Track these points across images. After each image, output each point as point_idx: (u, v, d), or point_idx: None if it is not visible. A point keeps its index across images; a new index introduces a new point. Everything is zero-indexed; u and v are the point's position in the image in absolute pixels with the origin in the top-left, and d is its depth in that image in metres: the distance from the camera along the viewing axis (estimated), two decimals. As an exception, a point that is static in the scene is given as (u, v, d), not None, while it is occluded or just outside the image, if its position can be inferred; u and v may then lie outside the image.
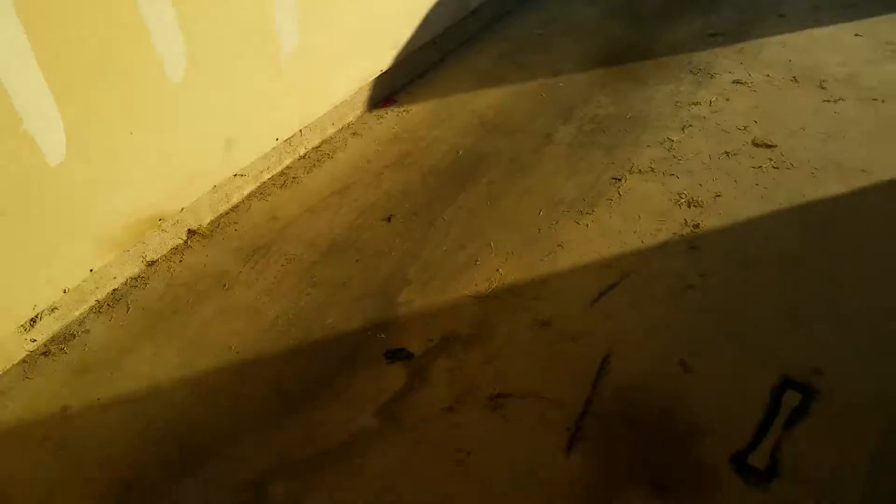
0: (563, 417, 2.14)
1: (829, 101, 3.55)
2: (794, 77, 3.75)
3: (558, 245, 2.74)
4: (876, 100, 3.52)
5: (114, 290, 2.57)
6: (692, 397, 2.17)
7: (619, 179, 3.06)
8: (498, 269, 2.64)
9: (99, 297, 2.52)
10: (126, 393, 2.24)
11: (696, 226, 2.80)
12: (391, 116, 3.50)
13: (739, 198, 2.94)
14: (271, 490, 1.98)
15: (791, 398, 2.18)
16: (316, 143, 3.27)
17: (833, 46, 4.03)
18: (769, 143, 3.25)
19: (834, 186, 2.99)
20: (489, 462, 2.03)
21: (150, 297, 2.55)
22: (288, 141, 3.09)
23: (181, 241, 2.72)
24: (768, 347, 2.33)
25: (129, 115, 2.29)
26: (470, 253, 2.70)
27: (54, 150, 2.12)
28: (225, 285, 2.59)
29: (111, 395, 2.23)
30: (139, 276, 2.61)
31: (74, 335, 2.43)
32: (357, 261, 2.70)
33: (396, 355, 2.34)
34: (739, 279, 2.58)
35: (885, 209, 2.85)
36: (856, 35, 4.14)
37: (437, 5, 3.68)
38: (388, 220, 2.87)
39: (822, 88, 3.65)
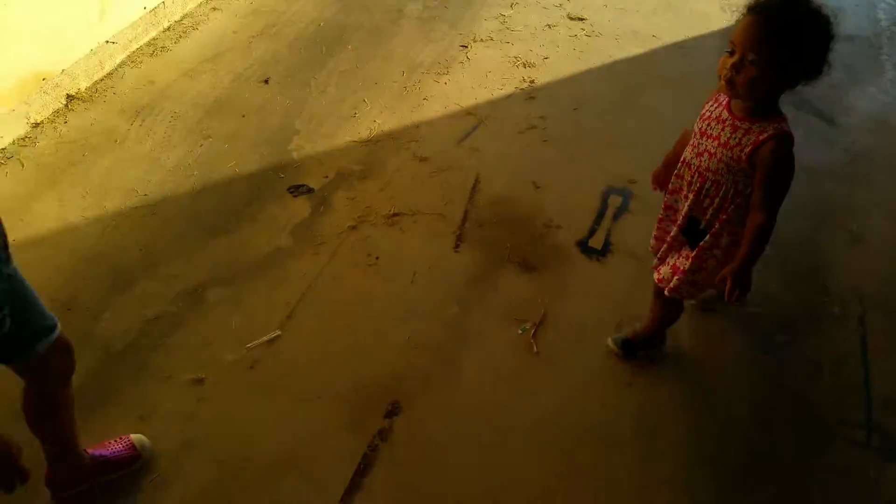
0: (449, 226, 2.51)
1: (622, -15, 4.13)
2: (595, -34, 4.29)
3: (424, 99, 3.06)
4: (658, -16, 4.16)
5: (2, 149, 2.49)
6: (544, 204, 2.64)
7: (466, 47, 3.42)
8: (375, 120, 2.91)
9: (-17, 157, 2.44)
10: (41, 233, 2.25)
11: (532, 81, 3.25)
12: (247, -7, 3.55)
13: (562, 59, 3.43)
14: (209, 295, 2.16)
15: (615, 199, 2.73)
16: (178, 16, 3.25)
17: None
18: (581, 17, 3.77)
19: (633, 49, 3.58)
20: (395, 264, 2.35)
21: (42, 153, 2.51)
22: (153, 11, 3.06)
23: (62, 105, 2.66)
24: (596, 166, 2.85)
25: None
26: (348, 107, 2.94)
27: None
28: (116, 140, 2.61)
29: (25, 237, 2.23)
30: (26, 137, 2.54)
31: (-34, 192, 2.36)
32: (243, 116, 2.83)
33: (299, 189, 2.56)
34: (570, 119, 3.08)
35: (672, 64, 3.50)
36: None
37: None
38: (266, 82, 3.00)
39: (618, -26, 4.22)
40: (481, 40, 3.47)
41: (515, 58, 3.38)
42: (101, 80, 2.85)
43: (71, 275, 2.15)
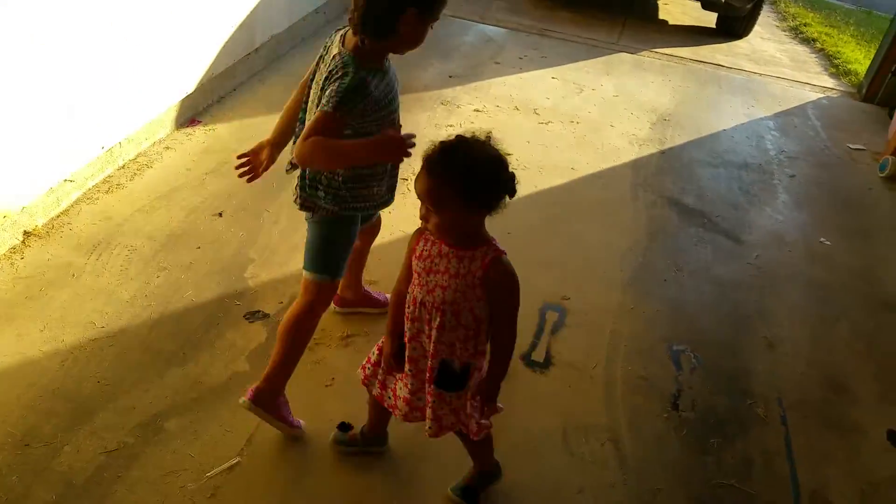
0: (399, 345, 2.62)
1: (542, 123, 4.55)
2: (515, 107, 4.72)
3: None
4: (573, 121, 4.61)
5: (-45, 285, 2.49)
6: (488, 321, 2.79)
7: (406, 179, 3.66)
8: (324, 247, 3.05)
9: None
10: (-3, 369, 2.23)
11: (468, 209, 3.49)
12: (199, 134, 3.73)
13: (494, 189, 3.71)
14: (168, 424, 2.16)
15: (552, 315, 2.91)
16: (133, 155, 3.38)
17: (538, 85, 5.13)
18: (507, 152, 4.08)
19: (555, 180, 3.92)
20: (351, 384, 2.39)
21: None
22: (109, 151, 3.18)
23: (18, 242, 2.70)
24: (531, 285, 3.02)
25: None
26: (300, 235, 3.04)
27: None
28: (73, 275, 2.64)
29: (-23, 373, 2.21)
30: (-20, 273, 2.55)
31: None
32: (199, 248, 2.91)
33: (255, 315, 2.63)
34: (504, 243, 3.29)
35: (592, 192, 3.84)
36: (552, 78, 5.31)
37: (228, 41, 4.01)
38: (220, 215, 3.12)
39: (537, 114, 4.66)
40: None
41: (452, 188, 3.63)
42: (58, 216, 2.91)
43: (29, 409, 2.12)
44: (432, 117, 4.36)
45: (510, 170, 1.65)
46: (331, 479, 2.09)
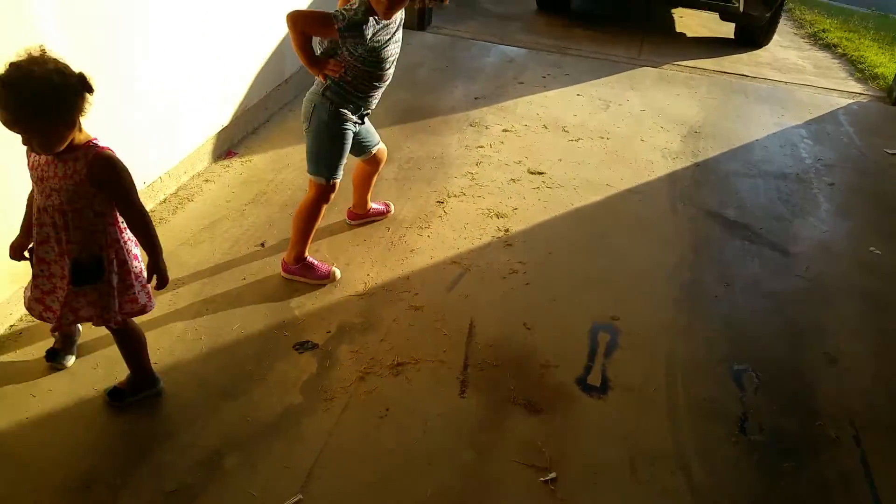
0: (451, 371, 2.55)
1: (572, 140, 4.50)
2: (544, 125, 4.68)
3: (411, 251, 3.18)
4: (603, 137, 4.56)
5: (10, 325, 2.45)
6: (538, 344, 2.72)
7: (442, 202, 3.61)
8: (368, 273, 3.00)
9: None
10: (54, 409, 2.18)
11: (507, 230, 3.43)
12: (236, 165, 3.71)
13: (530, 209, 3.65)
14: (225, 462, 2.10)
15: (604, 336, 2.83)
16: (173, 189, 3.36)
17: (564, 103, 5.09)
18: (540, 171, 4.06)
19: (591, 197, 3.85)
20: (405, 414, 2.35)
21: (48, 327, 2.47)
22: (150, 186, 3.17)
23: (64, 279, 2.67)
24: (578, 304, 2.98)
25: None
26: (341, 263, 3.03)
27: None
28: (122, 312, 2.61)
29: (37, 413, 2.16)
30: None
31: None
32: (244, 279, 2.87)
33: (304, 346, 2.58)
34: (546, 263, 3.24)
35: (630, 207, 3.76)
36: (577, 95, 5.27)
37: (260, 73, 4.01)
38: (262, 245, 3.09)
39: (566, 132, 4.61)
40: (455, 196, 3.68)
41: (488, 209, 3.58)
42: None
43: (89, 449, 2.07)
44: (462, 139, 4.32)
45: (72, 72, 1.73)
46: (395, 515, 2.02)
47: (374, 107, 2.75)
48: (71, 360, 2.36)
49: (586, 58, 6.14)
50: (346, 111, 2.63)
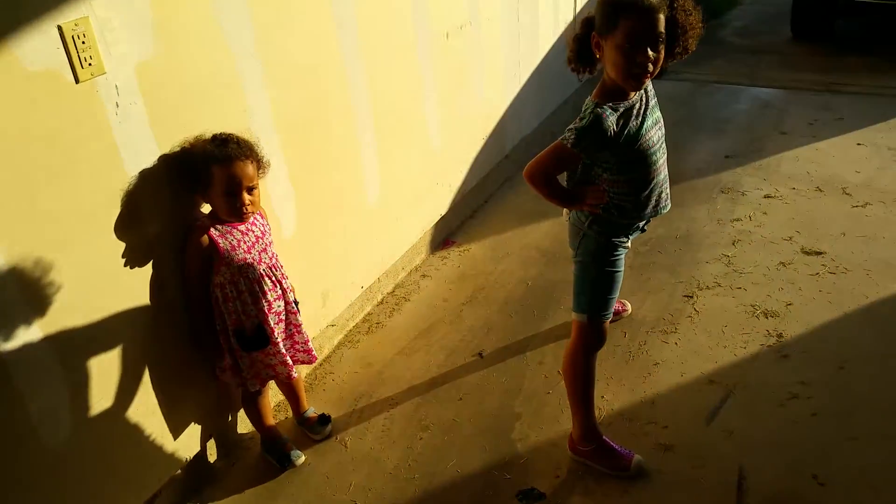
0: (718, 543, 2.00)
1: (857, 205, 3.66)
2: (817, 187, 3.88)
3: (654, 364, 2.68)
4: (899, 201, 3.64)
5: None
6: (838, 510, 2.06)
7: (691, 296, 3.05)
8: (602, 395, 2.55)
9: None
10: None
11: (780, 335, 2.77)
12: (454, 256, 3.52)
13: (808, 304, 2.94)
14: None
15: (937, 500, 2.07)
16: (390, 288, 3.25)
17: (841, 156, 4.22)
18: (818, 250, 3.30)
19: (891, 285, 3.02)
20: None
21: (251, 463, 2.40)
22: (369, 288, 3.07)
23: (281, 398, 2.61)
24: (888, 444, 2.24)
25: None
26: (570, 380, 2.62)
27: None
28: (336, 438, 2.46)
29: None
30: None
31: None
32: (460, 399, 2.60)
33: (528, 496, 2.20)
34: (838, 383, 2.53)
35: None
36: (858, 144, 4.35)
37: (481, 151, 3.81)
38: (480, 355, 2.80)
39: (847, 195, 3.77)
40: (707, 287, 3.10)
41: (752, 306, 2.95)
42: (320, 364, 2.81)
43: None
44: (713, 210, 3.72)
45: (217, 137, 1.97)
46: None
47: (651, 213, 2.07)
48: (301, 457, 2.37)
49: (864, 95, 5.13)
50: (618, 239, 2.08)
